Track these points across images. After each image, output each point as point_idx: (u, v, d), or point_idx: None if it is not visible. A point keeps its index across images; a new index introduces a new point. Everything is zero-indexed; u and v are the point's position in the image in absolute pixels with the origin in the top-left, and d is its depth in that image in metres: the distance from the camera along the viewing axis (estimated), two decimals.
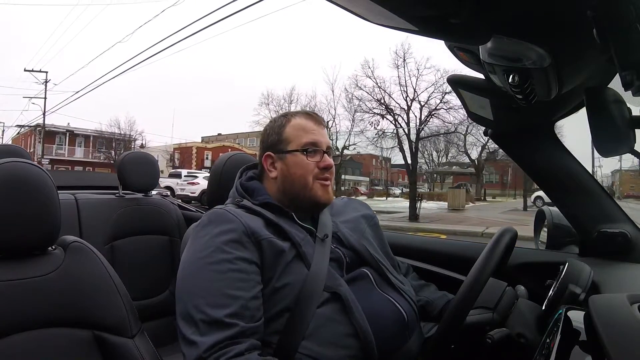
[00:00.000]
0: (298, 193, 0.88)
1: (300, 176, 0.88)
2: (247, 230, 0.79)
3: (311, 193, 0.88)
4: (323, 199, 0.89)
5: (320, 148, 0.89)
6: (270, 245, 0.79)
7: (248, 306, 0.73)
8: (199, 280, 0.74)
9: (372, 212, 1.05)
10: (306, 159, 0.88)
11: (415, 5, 0.51)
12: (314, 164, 0.88)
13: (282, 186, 0.90)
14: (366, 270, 0.87)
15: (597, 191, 1.00)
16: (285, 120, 0.93)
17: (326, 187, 0.89)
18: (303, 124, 0.91)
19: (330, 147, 0.92)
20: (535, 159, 1.05)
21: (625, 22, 0.49)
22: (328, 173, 0.89)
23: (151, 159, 1.70)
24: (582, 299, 0.73)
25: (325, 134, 0.93)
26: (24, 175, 0.73)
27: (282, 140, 0.91)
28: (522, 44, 0.60)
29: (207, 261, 0.75)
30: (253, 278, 0.76)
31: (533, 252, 1.16)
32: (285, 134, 0.91)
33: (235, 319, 0.70)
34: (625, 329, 0.52)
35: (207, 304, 0.71)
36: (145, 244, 1.59)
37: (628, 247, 0.94)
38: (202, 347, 0.68)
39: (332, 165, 0.90)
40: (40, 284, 0.73)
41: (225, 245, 0.77)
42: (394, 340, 0.80)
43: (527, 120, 0.98)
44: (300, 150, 0.89)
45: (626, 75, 0.54)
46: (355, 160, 30.21)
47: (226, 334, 0.69)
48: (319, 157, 0.89)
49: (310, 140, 0.89)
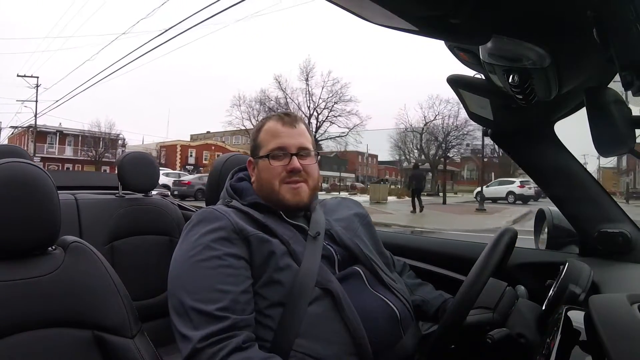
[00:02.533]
0: (269, 196, 0.90)
1: (267, 181, 0.90)
2: (235, 228, 0.81)
3: (279, 197, 0.89)
4: (291, 201, 0.89)
5: (288, 151, 0.89)
6: (258, 241, 0.80)
7: (238, 300, 0.75)
8: (189, 277, 0.77)
9: (364, 210, 1.06)
10: (271, 164, 0.89)
11: (415, 5, 0.51)
12: (282, 168, 0.88)
13: (258, 190, 0.92)
14: (358, 269, 0.87)
15: (597, 191, 1.00)
16: (260, 125, 0.95)
17: (295, 189, 0.89)
18: (272, 127, 0.92)
19: (305, 147, 0.91)
20: (535, 159, 1.05)
21: (625, 22, 0.49)
22: (298, 176, 0.89)
23: (151, 159, 1.70)
24: (582, 299, 0.73)
25: (297, 134, 0.91)
26: (24, 175, 0.73)
27: (257, 145, 0.94)
28: (522, 44, 0.60)
29: (197, 259, 0.78)
30: (242, 273, 0.78)
31: (533, 252, 1.16)
32: (259, 139, 0.93)
33: (226, 312, 0.72)
34: (625, 329, 0.52)
35: (198, 299, 0.73)
36: (145, 244, 1.59)
37: (628, 247, 0.95)
38: (195, 339, 0.70)
39: (300, 169, 0.89)
40: (40, 284, 0.73)
41: (214, 242, 0.79)
42: (386, 337, 0.80)
43: (527, 120, 0.98)
44: (266, 155, 0.90)
45: (626, 75, 0.54)
46: (340, 158, 30.48)
47: (218, 326, 0.71)
48: (287, 161, 0.89)
49: (277, 145, 0.90)
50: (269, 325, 0.77)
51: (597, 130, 0.66)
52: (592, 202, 1.00)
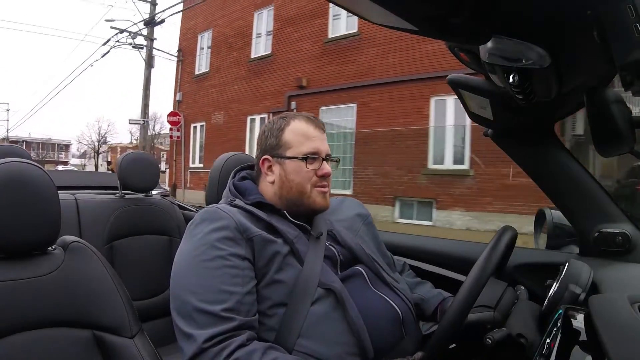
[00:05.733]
0: (295, 199, 0.88)
1: (298, 183, 0.88)
2: (239, 227, 0.80)
3: (309, 201, 0.88)
4: (321, 206, 0.89)
5: (321, 156, 0.89)
6: (262, 242, 0.80)
7: (243, 301, 0.74)
8: (194, 277, 0.75)
9: (366, 210, 1.05)
10: (306, 167, 0.87)
11: (415, 5, 0.51)
12: (313, 172, 0.88)
13: (280, 191, 0.89)
14: (360, 269, 0.87)
15: (597, 191, 1.00)
16: (284, 124, 0.91)
17: (324, 193, 0.89)
18: (304, 129, 0.90)
19: (330, 153, 0.91)
20: (535, 159, 1.05)
21: (625, 22, 0.49)
22: (326, 180, 0.89)
23: (151, 159, 1.70)
24: (582, 299, 0.73)
25: (325, 139, 0.92)
26: (24, 175, 0.73)
27: (281, 144, 0.90)
28: (522, 44, 0.60)
29: (201, 258, 0.77)
30: (247, 274, 0.77)
31: (533, 252, 1.16)
32: (285, 138, 0.90)
33: (231, 313, 0.72)
34: (625, 329, 0.52)
35: (203, 299, 0.72)
36: (145, 244, 1.59)
37: (628, 247, 0.94)
38: (200, 339, 0.69)
39: (330, 174, 0.89)
40: (40, 284, 0.73)
41: (218, 242, 0.78)
42: (389, 337, 0.80)
43: (527, 120, 0.98)
44: (301, 157, 0.88)
45: (626, 75, 0.54)
46: None
47: (224, 327, 0.70)
48: (318, 165, 0.88)
49: (312, 149, 0.88)
50: (271, 326, 0.77)
51: (597, 130, 0.66)
52: (592, 202, 1.00)
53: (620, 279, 0.86)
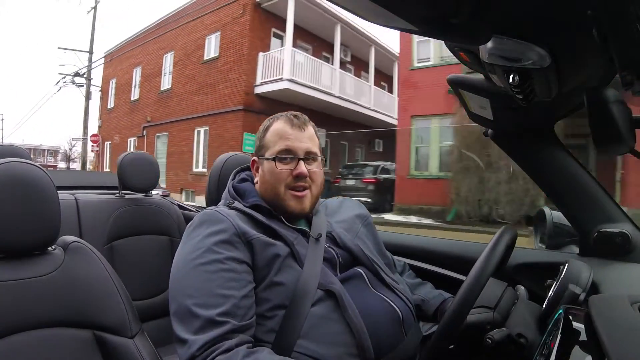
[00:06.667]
0: (272, 200, 0.88)
1: (272, 184, 0.87)
2: (238, 231, 0.79)
3: (284, 203, 0.87)
4: (295, 209, 0.87)
5: (295, 155, 0.87)
6: (261, 245, 0.79)
7: (239, 305, 0.73)
8: (191, 281, 0.75)
9: (366, 211, 1.05)
10: (277, 167, 0.86)
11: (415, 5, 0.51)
12: (288, 172, 0.86)
13: (262, 192, 0.90)
14: (360, 270, 0.87)
15: (597, 191, 1.00)
16: (268, 125, 0.92)
17: (299, 197, 0.86)
18: (280, 128, 0.89)
19: (313, 151, 0.89)
20: (535, 159, 1.05)
21: (625, 22, 0.49)
22: (303, 181, 0.86)
23: (151, 159, 1.70)
24: (582, 299, 0.73)
25: (306, 137, 0.89)
26: (24, 175, 0.73)
27: (263, 145, 0.90)
28: (522, 44, 0.60)
29: (199, 262, 0.76)
30: (244, 277, 0.76)
31: (533, 252, 1.16)
32: (265, 139, 0.90)
33: (226, 317, 0.71)
34: (625, 329, 0.52)
35: (199, 303, 0.72)
36: (145, 244, 1.59)
37: (628, 247, 0.94)
38: (194, 345, 0.69)
39: (306, 174, 0.86)
40: (40, 284, 0.73)
41: (216, 245, 0.77)
42: (390, 338, 0.80)
43: (527, 120, 0.98)
44: (272, 157, 0.87)
45: (626, 75, 0.53)
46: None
47: (218, 332, 0.70)
48: (293, 165, 0.86)
49: (284, 147, 0.87)
50: (271, 327, 0.76)
51: (597, 130, 0.66)
52: (592, 202, 1.00)
53: (620, 279, 0.86)
